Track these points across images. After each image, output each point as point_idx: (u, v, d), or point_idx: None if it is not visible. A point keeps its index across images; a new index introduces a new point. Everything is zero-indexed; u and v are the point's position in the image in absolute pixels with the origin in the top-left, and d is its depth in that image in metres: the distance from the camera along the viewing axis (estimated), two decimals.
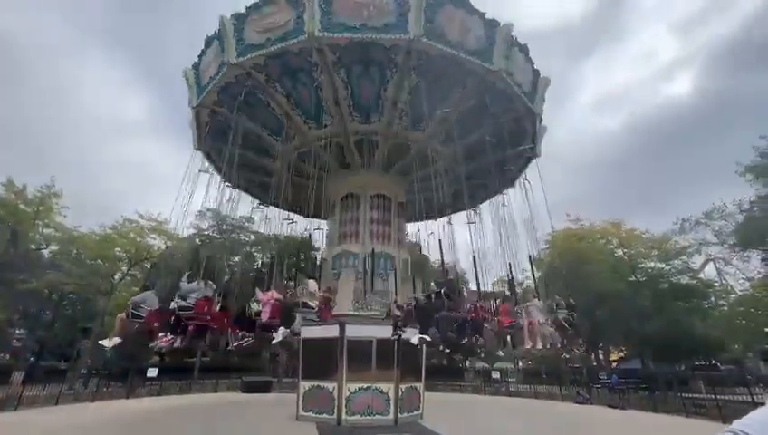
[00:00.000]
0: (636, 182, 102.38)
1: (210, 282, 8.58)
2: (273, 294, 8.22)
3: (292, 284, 10.12)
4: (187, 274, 8.78)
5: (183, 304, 7.87)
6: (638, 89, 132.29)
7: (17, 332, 31.75)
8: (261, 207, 15.73)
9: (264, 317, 8.02)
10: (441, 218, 15.84)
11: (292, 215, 16.45)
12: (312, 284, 8.85)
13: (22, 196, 24.37)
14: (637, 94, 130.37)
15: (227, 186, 14.42)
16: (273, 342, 8.12)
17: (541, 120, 13.71)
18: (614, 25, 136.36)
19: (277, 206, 16.23)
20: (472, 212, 15.22)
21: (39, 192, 24.79)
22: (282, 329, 7.82)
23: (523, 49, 11.22)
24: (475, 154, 12.37)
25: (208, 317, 7.92)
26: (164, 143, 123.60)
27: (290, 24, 9.77)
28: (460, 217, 15.74)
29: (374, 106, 11.74)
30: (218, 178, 14.26)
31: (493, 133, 12.05)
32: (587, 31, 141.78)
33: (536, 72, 11.85)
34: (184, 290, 8.18)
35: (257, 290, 8.71)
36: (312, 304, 8.31)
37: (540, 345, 8.74)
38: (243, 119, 12.17)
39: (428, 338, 7.75)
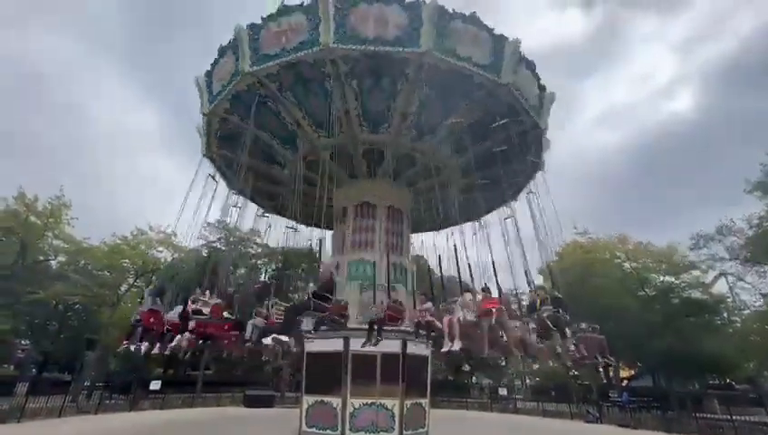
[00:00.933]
0: (638, 197, 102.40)
1: (158, 299, 9.34)
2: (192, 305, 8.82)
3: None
4: (149, 289, 9.75)
5: (136, 317, 9.03)
6: (638, 107, 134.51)
7: (22, 343, 31.85)
8: (266, 216, 15.70)
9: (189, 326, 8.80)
10: (444, 230, 15.80)
11: (296, 225, 16.43)
12: (207, 293, 9.46)
13: (32, 207, 24.74)
14: (638, 112, 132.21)
15: (234, 192, 14.47)
16: (170, 346, 8.73)
17: (544, 90, 12.87)
18: (613, 46, 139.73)
19: (285, 216, 16.28)
20: (477, 223, 15.17)
21: (49, 203, 25.15)
22: (178, 336, 8.47)
23: (469, 20, 10.65)
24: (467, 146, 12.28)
25: (153, 328, 8.82)
26: (175, 158, 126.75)
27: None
28: (465, 230, 15.70)
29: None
30: (226, 188, 14.31)
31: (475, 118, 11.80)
32: (587, 52, 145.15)
33: (497, 38, 10.92)
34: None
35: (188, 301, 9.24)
36: (205, 311, 8.77)
37: (457, 346, 7.57)
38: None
39: (284, 339, 7.86)
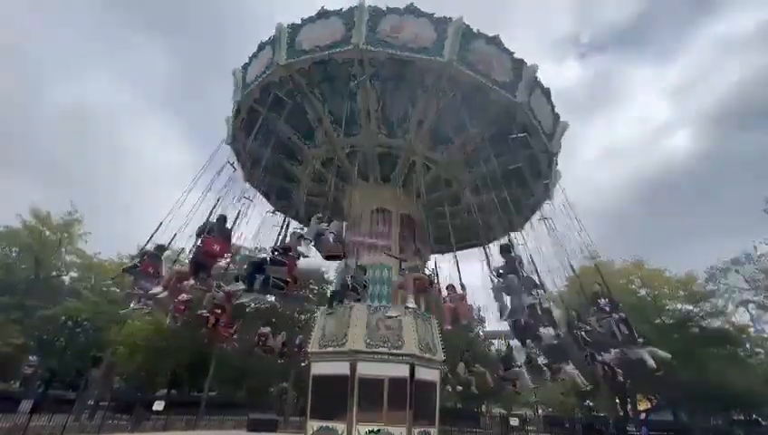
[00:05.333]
0: (639, 230, 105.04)
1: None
2: None
3: None
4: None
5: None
6: (639, 146, 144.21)
7: (30, 359, 31.90)
8: (275, 213, 15.81)
9: None
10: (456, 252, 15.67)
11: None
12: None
13: (48, 223, 25.35)
14: (636, 151, 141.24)
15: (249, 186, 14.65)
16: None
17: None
18: (611, 92, 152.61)
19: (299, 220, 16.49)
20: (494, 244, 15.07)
21: (62, 219, 25.76)
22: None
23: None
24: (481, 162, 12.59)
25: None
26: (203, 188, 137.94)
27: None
28: (474, 253, 15.59)
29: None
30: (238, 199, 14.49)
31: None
32: (586, 97, 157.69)
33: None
34: None
35: None
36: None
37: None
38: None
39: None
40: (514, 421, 28.73)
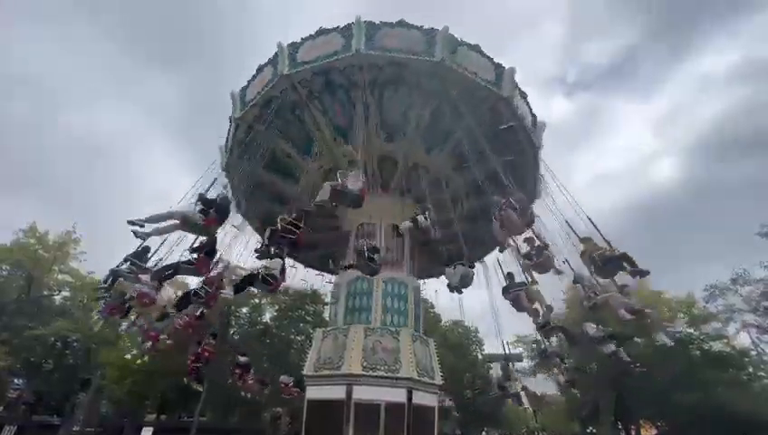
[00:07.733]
0: (634, 253, 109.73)
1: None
2: None
3: None
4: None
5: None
6: (626, 174, 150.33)
7: (16, 381, 30.86)
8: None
9: None
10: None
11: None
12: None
13: (43, 241, 25.08)
14: (625, 178, 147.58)
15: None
16: None
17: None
18: (598, 125, 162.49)
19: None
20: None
21: (59, 238, 25.51)
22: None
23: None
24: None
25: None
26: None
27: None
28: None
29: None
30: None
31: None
32: (576, 130, 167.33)
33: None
34: None
35: None
36: None
37: None
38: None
39: None
40: None
